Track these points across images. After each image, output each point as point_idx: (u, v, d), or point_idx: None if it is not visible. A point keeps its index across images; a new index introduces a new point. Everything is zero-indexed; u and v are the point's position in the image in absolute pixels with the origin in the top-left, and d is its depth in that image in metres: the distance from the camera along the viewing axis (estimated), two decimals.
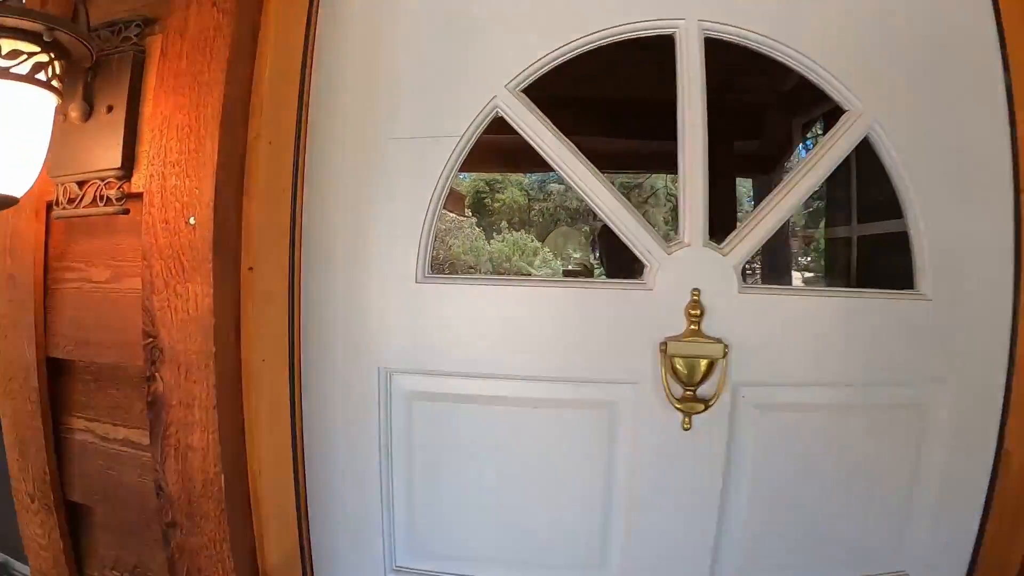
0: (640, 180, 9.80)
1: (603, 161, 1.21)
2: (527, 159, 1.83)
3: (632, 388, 1.08)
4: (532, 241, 9.79)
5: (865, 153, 1.12)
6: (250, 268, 1.06)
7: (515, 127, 1.11)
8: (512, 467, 1.13)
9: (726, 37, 1.08)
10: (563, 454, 1.12)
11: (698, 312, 1.04)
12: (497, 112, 1.11)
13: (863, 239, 2.55)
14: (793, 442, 1.10)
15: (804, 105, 3.05)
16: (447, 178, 1.11)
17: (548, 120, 1.10)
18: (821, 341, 1.08)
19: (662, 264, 1.06)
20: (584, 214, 9.77)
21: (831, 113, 2.20)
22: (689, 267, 1.06)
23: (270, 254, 1.07)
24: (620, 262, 2.88)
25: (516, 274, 8.59)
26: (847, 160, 1.13)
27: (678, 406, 1.04)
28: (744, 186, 5.65)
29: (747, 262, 1.11)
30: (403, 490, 1.16)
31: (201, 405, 1.00)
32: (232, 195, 1.03)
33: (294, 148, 1.09)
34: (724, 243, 1.08)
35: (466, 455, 1.14)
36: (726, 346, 1.03)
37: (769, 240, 1.12)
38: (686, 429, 1.05)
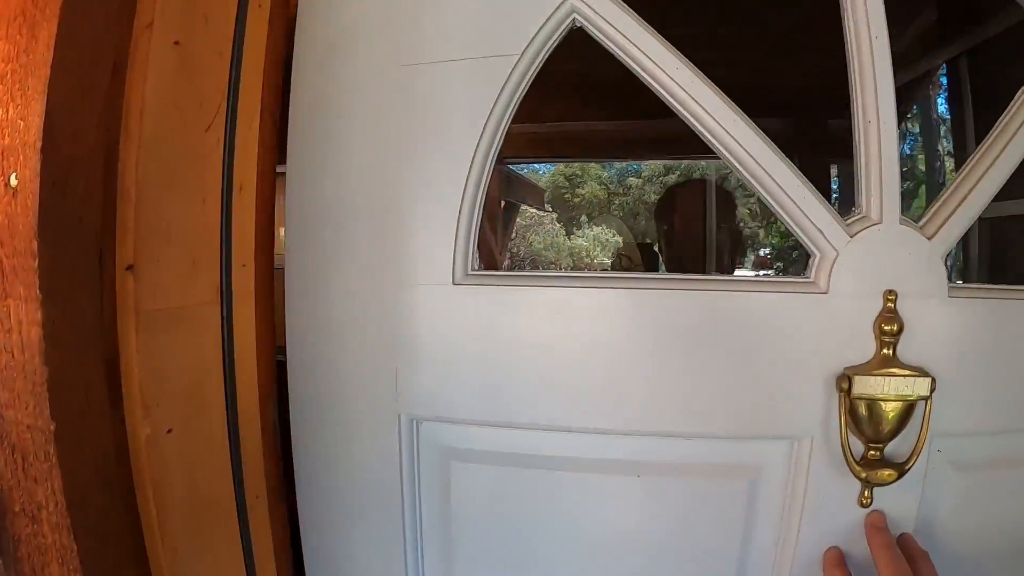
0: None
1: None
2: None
3: (787, 446, 0.69)
4: (614, 236, 8.91)
5: None
6: (129, 267, 0.55)
7: (600, 38, 0.69)
8: (594, 558, 0.74)
9: None
10: (677, 548, 0.72)
11: (894, 328, 0.65)
12: (575, 20, 0.68)
13: None
14: (993, 505, 0.75)
15: None
16: (499, 121, 0.69)
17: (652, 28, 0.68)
18: None
19: (843, 251, 0.67)
20: None
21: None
22: (879, 256, 0.67)
23: (177, 241, 0.57)
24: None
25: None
26: None
27: (861, 473, 0.66)
28: None
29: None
30: None
31: (50, 522, 0.52)
32: (93, 135, 0.52)
33: (231, 56, 0.60)
34: (923, 220, 0.69)
35: (527, 544, 0.73)
36: (933, 380, 0.65)
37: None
38: (864, 506, 0.67)
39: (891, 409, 0.66)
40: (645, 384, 0.67)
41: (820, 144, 2.33)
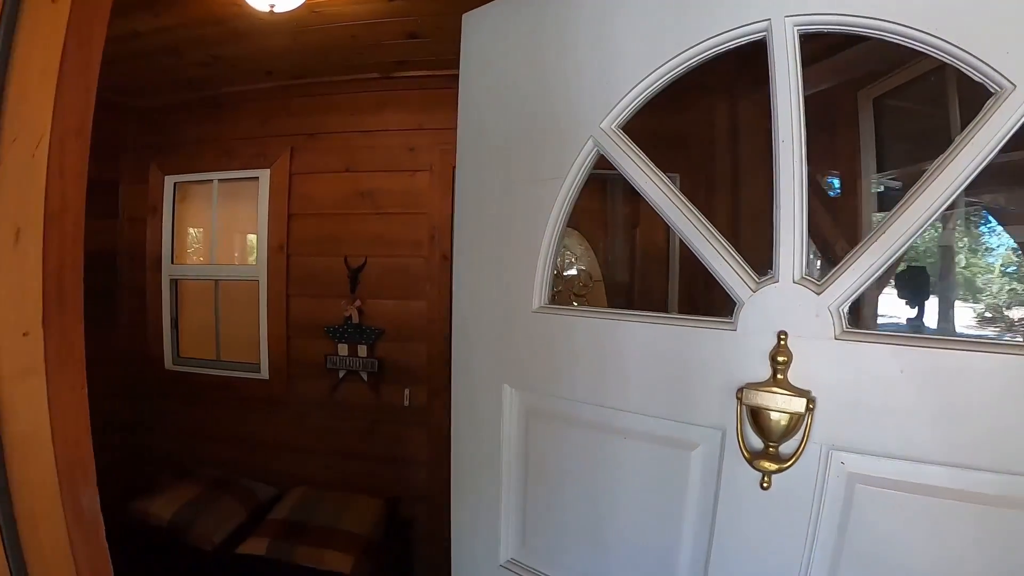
0: None
1: None
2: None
3: (716, 433, 1.02)
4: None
5: None
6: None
7: (612, 163, 1.16)
8: (600, 486, 1.19)
9: (824, 28, 0.93)
10: (646, 487, 1.13)
11: (784, 359, 0.93)
12: (597, 151, 1.17)
13: None
14: (911, 530, 0.89)
15: None
16: (559, 214, 1.21)
17: (640, 154, 1.12)
18: (970, 409, 0.82)
19: (748, 302, 0.98)
20: None
21: None
22: (778, 306, 0.95)
23: None
24: None
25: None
26: None
27: (750, 460, 0.96)
28: None
29: (856, 305, 0.93)
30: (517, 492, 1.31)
31: None
32: None
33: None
34: (821, 280, 0.93)
35: (564, 471, 1.23)
36: (811, 400, 0.91)
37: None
38: (764, 488, 0.95)
39: (777, 418, 0.93)
40: (623, 373, 1.13)
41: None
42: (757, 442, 0.96)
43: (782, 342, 0.93)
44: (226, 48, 2.59)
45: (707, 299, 1.85)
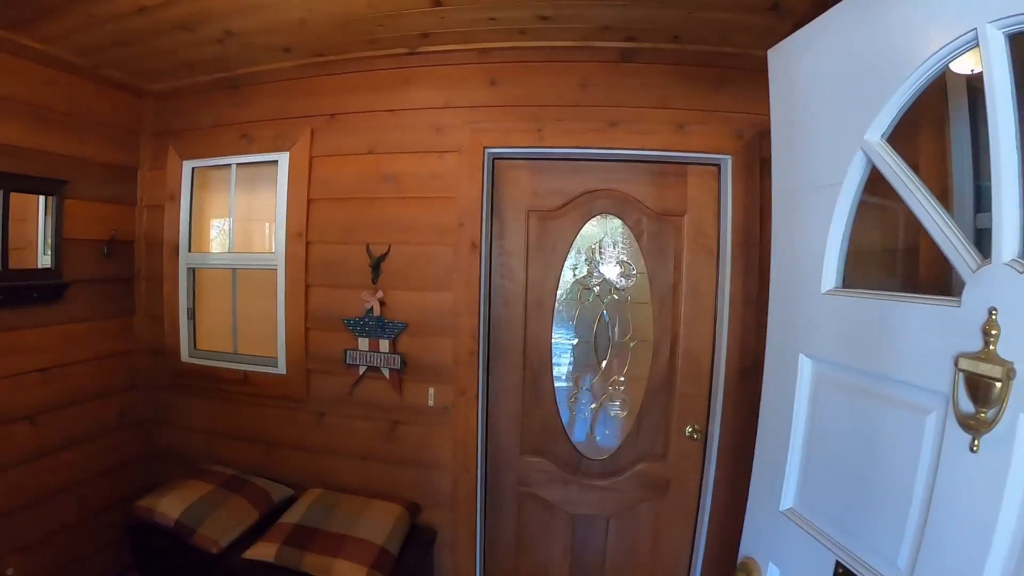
0: None
1: None
2: None
3: (943, 398, 1.10)
4: None
5: None
6: None
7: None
8: (858, 445, 1.31)
9: None
10: (893, 449, 1.22)
11: (995, 332, 0.99)
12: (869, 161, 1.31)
13: None
14: None
15: None
16: (846, 213, 1.38)
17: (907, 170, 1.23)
18: None
19: (968, 281, 1.06)
20: None
21: None
22: (991, 285, 1.02)
23: None
24: None
25: None
26: None
27: (962, 424, 1.04)
28: None
29: None
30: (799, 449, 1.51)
31: None
32: None
33: None
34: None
35: (836, 432, 1.38)
36: (1011, 370, 0.96)
37: None
38: (973, 451, 1.02)
39: (984, 385, 0.99)
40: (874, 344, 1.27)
41: None
42: (969, 408, 1.03)
43: (992, 316, 0.99)
44: (239, 20, 2.50)
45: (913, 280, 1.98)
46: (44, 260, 2.88)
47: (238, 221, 3.25)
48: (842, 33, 1.37)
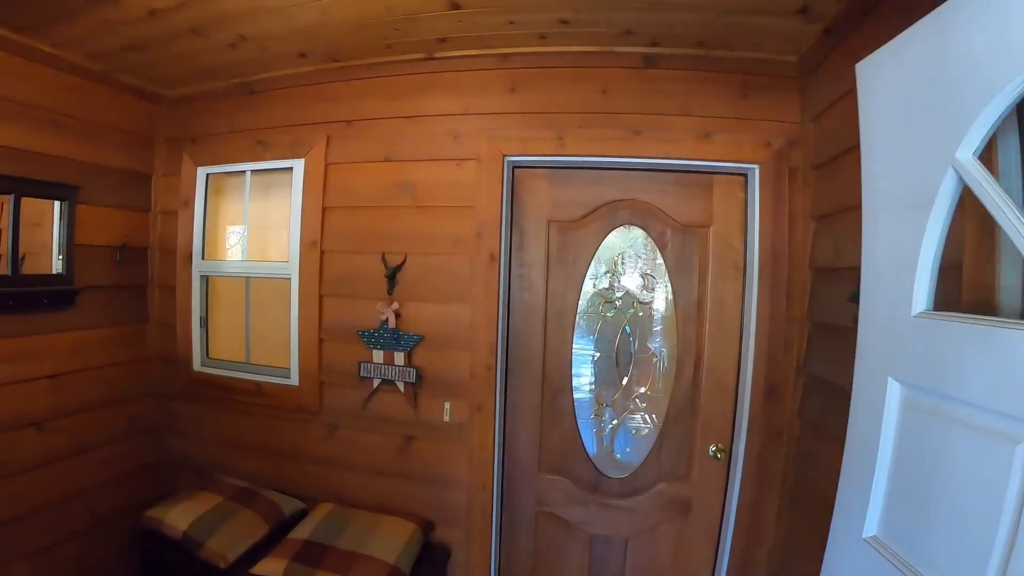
0: None
1: None
2: None
3: None
4: None
5: None
6: None
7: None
8: (941, 472, 1.28)
9: None
10: (980, 480, 1.17)
11: None
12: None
13: None
14: None
15: None
16: (938, 234, 1.34)
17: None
18: None
19: None
20: None
21: None
22: None
23: None
24: None
25: None
26: None
27: None
28: None
29: None
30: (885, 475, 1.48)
31: None
32: None
33: None
34: None
35: (925, 461, 1.34)
36: None
37: None
38: None
39: None
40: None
41: None
42: None
43: None
44: (252, 25, 2.46)
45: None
46: (57, 265, 2.85)
47: (252, 229, 3.22)
48: (931, 45, 1.33)
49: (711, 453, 2.61)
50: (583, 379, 2.73)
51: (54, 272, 2.85)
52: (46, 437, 2.77)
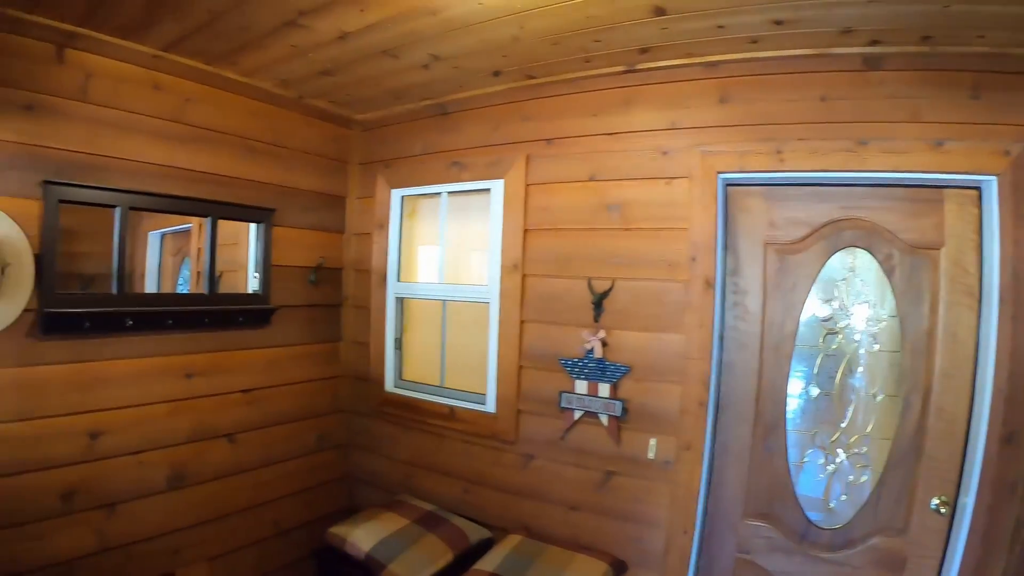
0: None
1: None
2: None
3: None
4: None
5: None
6: None
7: None
8: None
9: None
10: None
11: None
12: None
13: None
14: None
15: None
16: None
17: None
18: None
19: None
20: None
21: None
22: None
23: None
24: None
25: None
26: None
27: None
28: None
29: None
30: None
31: None
32: None
33: None
34: None
35: None
36: None
37: None
38: None
39: None
40: None
41: None
42: None
43: None
44: (445, 44, 2.53)
45: None
46: (252, 284, 3.06)
47: (448, 251, 3.32)
48: None
49: (933, 506, 2.38)
50: (798, 417, 2.59)
51: (250, 291, 3.06)
52: (237, 448, 2.99)
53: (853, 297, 2.51)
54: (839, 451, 2.54)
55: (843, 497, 2.54)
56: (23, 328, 2.27)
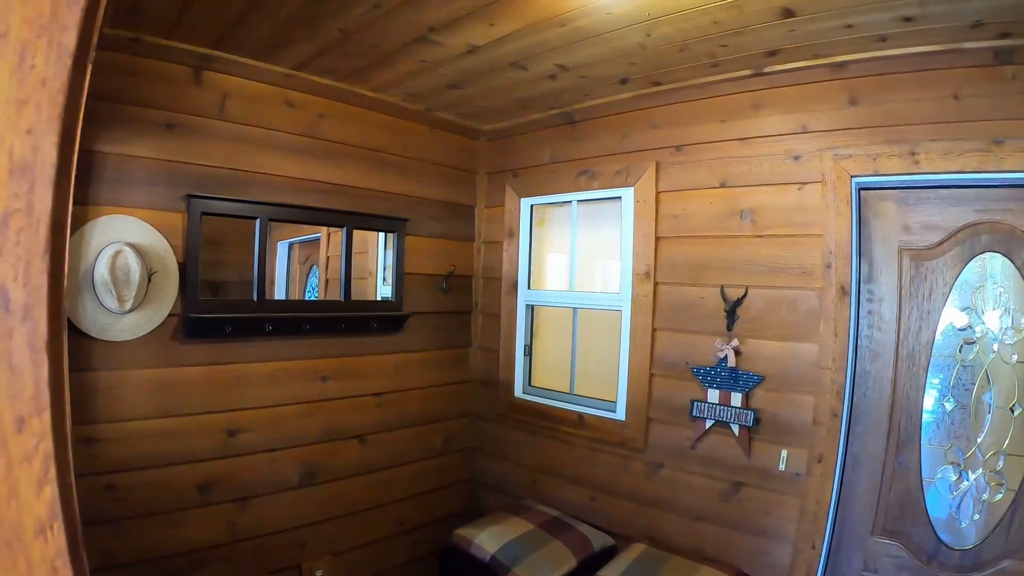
0: None
1: None
2: None
3: None
4: None
5: None
6: None
7: None
8: None
9: None
10: None
11: None
12: None
13: None
14: None
15: None
16: None
17: None
18: None
19: None
20: None
21: None
22: None
23: None
24: None
25: None
26: None
27: None
28: None
29: None
30: None
31: None
32: None
33: None
34: None
35: None
36: None
37: None
38: None
39: None
40: None
41: None
42: None
43: None
44: (573, 54, 2.70)
45: None
46: (383, 291, 3.35)
47: (579, 259, 3.51)
48: None
49: None
50: (932, 431, 2.61)
51: (380, 298, 3.35)
52: (366, 449, 3.28)
53: (991, 305, 2.52)
54: (974, 468, 2.55)
55: (975, 516, 2.54)
56: (168, 331, 2.59)
